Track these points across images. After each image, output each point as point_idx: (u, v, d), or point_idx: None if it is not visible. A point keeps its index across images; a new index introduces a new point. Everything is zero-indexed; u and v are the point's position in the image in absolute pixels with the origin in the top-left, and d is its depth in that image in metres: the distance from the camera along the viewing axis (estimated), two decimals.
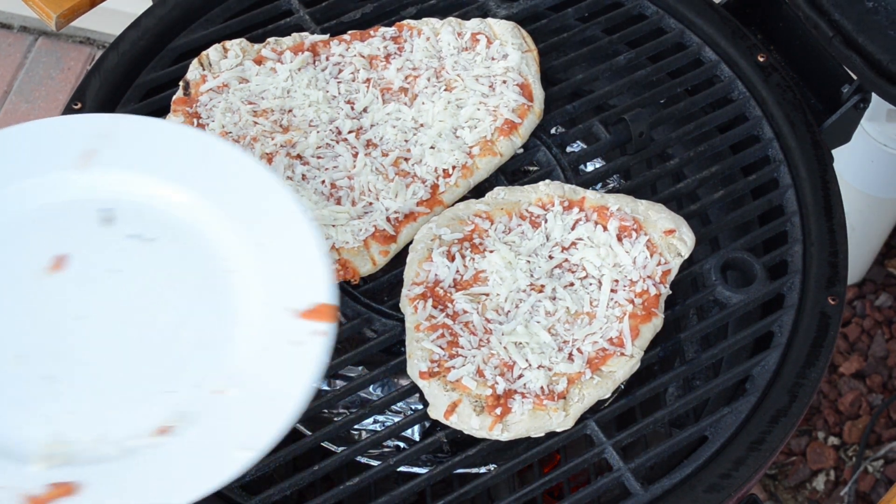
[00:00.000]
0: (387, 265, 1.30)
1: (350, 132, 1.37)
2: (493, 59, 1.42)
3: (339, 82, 1.41)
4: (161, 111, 1.41)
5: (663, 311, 1.25)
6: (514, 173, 1.41)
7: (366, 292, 1.31)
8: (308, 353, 1.09)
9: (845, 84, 1.45)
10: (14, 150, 1.23)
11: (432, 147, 1.35)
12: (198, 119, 1.36)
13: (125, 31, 1.49)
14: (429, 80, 1.40)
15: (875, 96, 1.44)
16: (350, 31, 1.46)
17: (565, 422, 1.19)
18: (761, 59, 1.49)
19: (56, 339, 1.13)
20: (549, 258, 1.28)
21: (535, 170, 1.41)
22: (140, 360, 1.12)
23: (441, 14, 1.51)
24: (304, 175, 1.32)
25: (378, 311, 1.29)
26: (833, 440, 2.36)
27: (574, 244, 1.29)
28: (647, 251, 1.27)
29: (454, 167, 1.34)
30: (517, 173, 1.42)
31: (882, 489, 2.29)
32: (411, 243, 1.30)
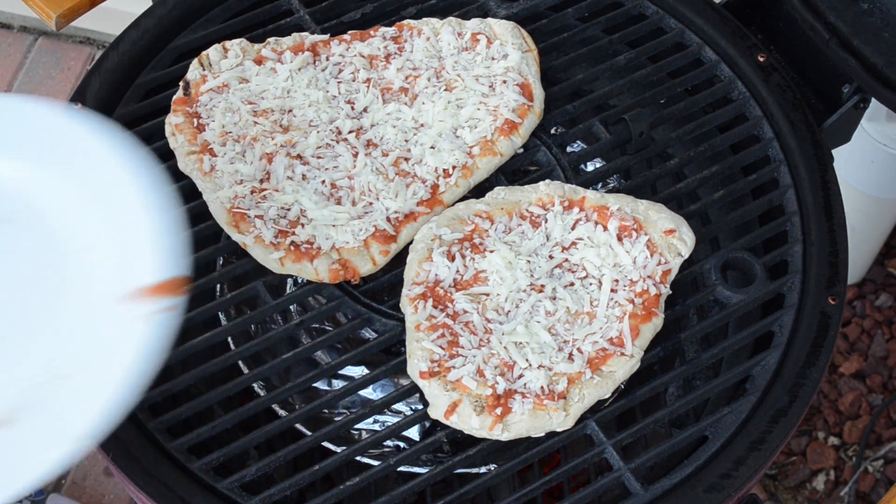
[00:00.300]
0: (387, 265, 1.30)
1: (350, 132, 1.36)
2: (493, 58, 1.42)
3: (339, 82, 1.41)
4: (161, 111, 1.41)
5: (663, 311, 1.25)
6: (514, 173, 1.41)
7: (366, 292, 1.31)
8: (149, 331, 1.04)
9: (845, 84, 1.45)
10: None
11: (432, 147, 1.35)
12: (198, 119, 1.36)
13: (125, 31, 1.49)
14: (429, 80, 1.40)
15: None
16: (350, 31, 1.46)
17: (565, 422, 1.19)
18: (761, 59, 1.49)
19: None
20: (550, 258, 1.28)
21: (536, 170, 1.41)
22: None
23: (441, 14, 1.51)
24: (304, 175, 1.32)
25: (378, 311, 1.29)
26: (833, 440, 2.36)
27: (574, 244, 1.29)
28: (648, 251, 1.27)
29: (454, 167, 1.34)
30: (517, 173, 1.42)
31: (882, 489, 2.28)
32: (411, 243, 1.30)
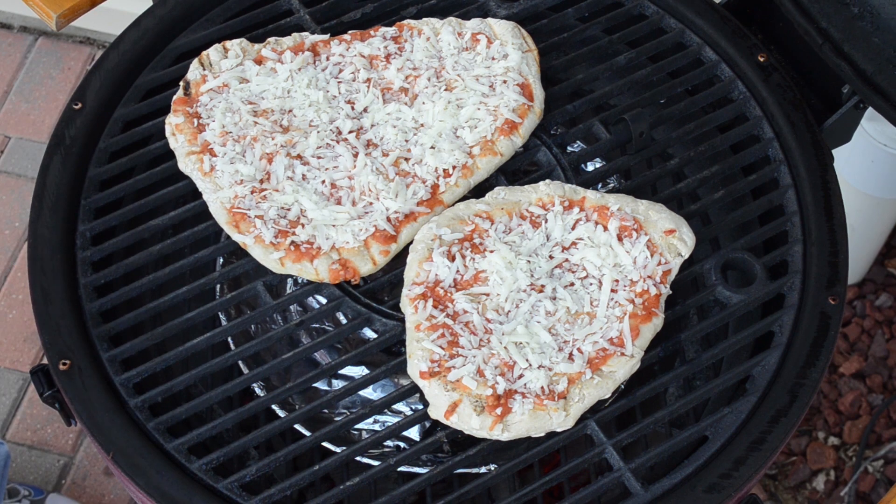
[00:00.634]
0: (387, 265, 1.30)
1: (350, 132, 1.36)
2: (493, 58, 1.42)
3: (339, 82, 1.41)
4: (161, 111, 1.41)
5: (663, 311, 1.25)
6: (514, 173, 1.41)
7: (366, 292, 1.31)
8: None
9: (845, 84, 1.45)
10: None
11: (432, 147, 1.35)
12: (198, 119, 1.36)
13: (126, 31, 1.49)
14: (429, 79, 1.40)
15: None
16: (350, 31, 1.46)
17: (566, 422, 1.19)
18: (761, 59, 1.49)
19: None
20: (550, 258, 1.28)
21: (536, 170, 1.41)
22: None
23: (441, 14, 1.51)
24: (304, 175, 1.32)
25: (378, 311, 1.29)
26: (833, 440, 2.36)
27: (574, 244, 1.29)
28: (648, 251, 1.27)
29: (454, 167, 1.34)
30: (517, 173, 1.42)
31: (882, 489, 2.29)
32: (411, 243, 1.30)
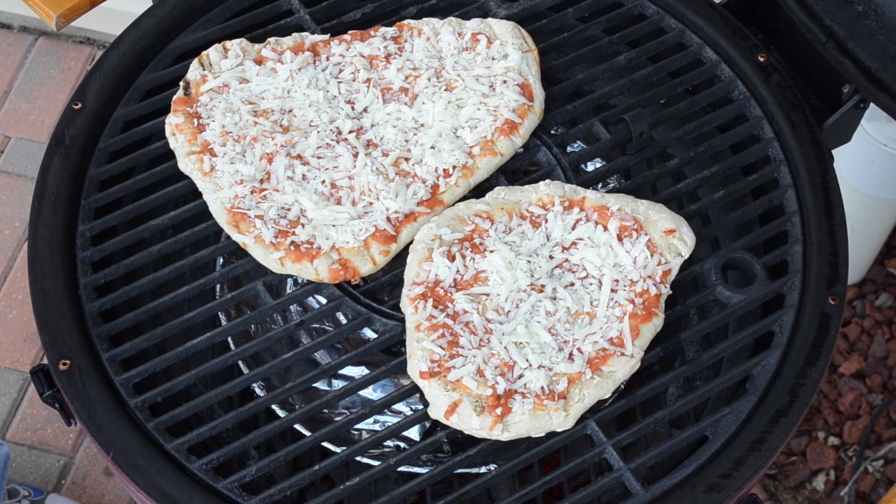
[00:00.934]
0: (387, 265, 1.30)
1: (350, 132, 1.36)
2: (493, 59, 1.42)
3: (339, 82, 1.41)
4: (161, 111, 1.41)
5: (663, 311, 1.25)
6: (514, 173, 1.41)
7: (366, 292, 1.31)
8: None
9: (846, 84, 1.45)
10: None
11: (433, 147, 1.35)
12: (198, 119, 1.36)
13: (126, 31, 1.49)
14: (429, 80, 1.40)
15: None
16: (350, 31, 1.46)
17: (566, 422, 1.19)
18: (761, 59, 1.49)
19: None
20: (550, 258, 1.28)
21: (536, 170, 1.41)
22: None
23: (441, 14, 1.51)
24: (304, 175, 1.32)
25: (378, 311, 1.29)
26: (833, 440, 2.36)
27: (574, 244, 1.29)
28: (648, 251, 1.27)
29: (454, 167, 1.34)
30: (517, 173, 1.42)
31: (882, 489, 2.29)
32: (411, 243, 1.30)
